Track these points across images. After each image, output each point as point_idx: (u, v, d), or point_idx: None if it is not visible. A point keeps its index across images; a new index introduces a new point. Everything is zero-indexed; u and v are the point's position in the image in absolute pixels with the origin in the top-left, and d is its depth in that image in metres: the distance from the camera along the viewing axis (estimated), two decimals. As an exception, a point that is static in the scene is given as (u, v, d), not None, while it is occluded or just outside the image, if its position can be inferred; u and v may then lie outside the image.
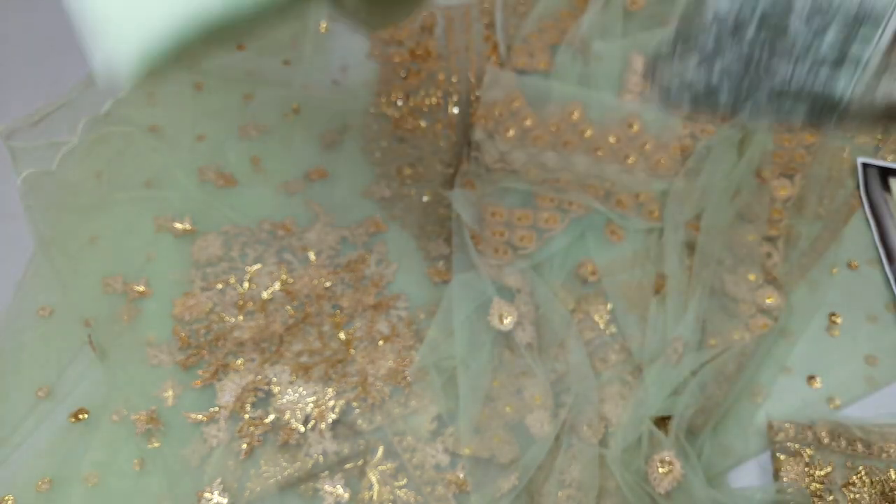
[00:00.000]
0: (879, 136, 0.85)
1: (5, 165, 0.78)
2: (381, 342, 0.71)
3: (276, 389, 0.68)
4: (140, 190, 0.78)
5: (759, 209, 0.78)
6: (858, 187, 0.81)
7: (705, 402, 0.66)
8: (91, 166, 0.79)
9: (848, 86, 0.45)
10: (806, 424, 0.67)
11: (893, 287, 0.75)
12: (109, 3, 0.53)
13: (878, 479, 0.64)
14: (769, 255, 0.75)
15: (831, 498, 0.63)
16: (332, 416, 0.67)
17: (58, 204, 0.76)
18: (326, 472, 0.65)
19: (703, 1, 0.46)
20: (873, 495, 0.63)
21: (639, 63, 0.84)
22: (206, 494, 0.63)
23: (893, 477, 0.64)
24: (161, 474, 0.64)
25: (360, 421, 0.67)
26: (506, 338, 0.70)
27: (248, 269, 0.75)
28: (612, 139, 0.81)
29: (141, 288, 0.73)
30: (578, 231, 0.78)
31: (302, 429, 0.66)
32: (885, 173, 0.82)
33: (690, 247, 0.75)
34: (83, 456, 0.65)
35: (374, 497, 0.64)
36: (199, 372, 0.69)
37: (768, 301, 0.72)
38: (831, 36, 0.44)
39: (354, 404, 0.68)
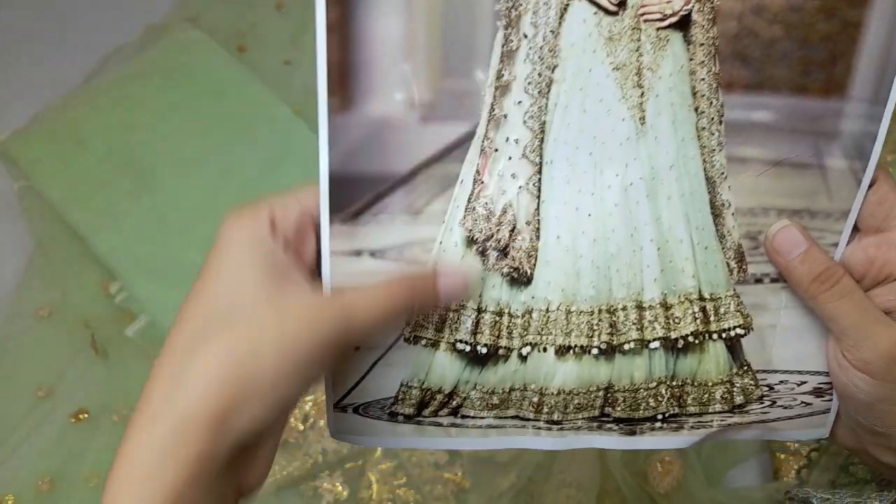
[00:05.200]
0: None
1: (4, 166, 0.77)
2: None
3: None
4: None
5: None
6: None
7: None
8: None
9: None
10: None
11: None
12: None
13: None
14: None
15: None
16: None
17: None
18: (326, 471, 0.65)
19: None
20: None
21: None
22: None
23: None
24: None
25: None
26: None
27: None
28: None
29: None
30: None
31: (301, 427, 0.66)
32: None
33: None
34: (83, 456, 0.64)
35: (374, 496, 0.64)
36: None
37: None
38: None
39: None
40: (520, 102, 0.34)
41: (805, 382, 0.37)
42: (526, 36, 0.33)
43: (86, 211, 0.72)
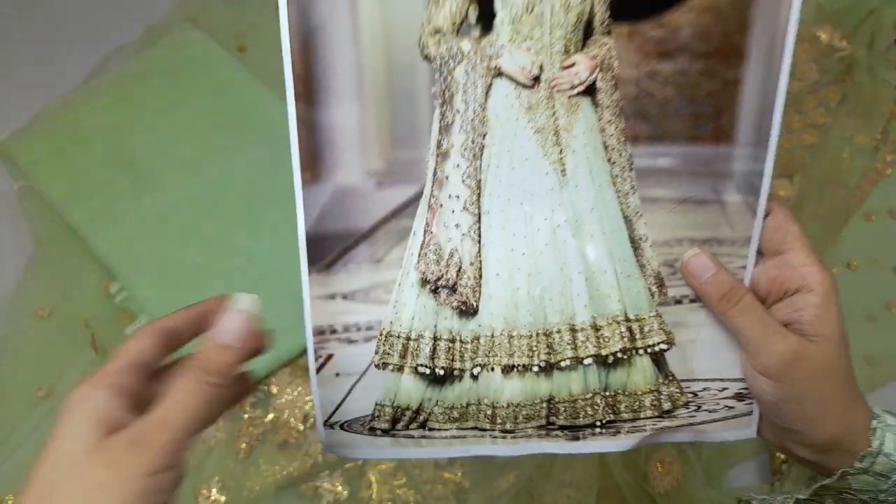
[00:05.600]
0: (878, 136, 0.85)
1: (4, 166, 0.77)
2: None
3: (274, 389, 0.68)
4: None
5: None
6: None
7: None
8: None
9: None
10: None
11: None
12: None
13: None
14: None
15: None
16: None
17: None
18: (326, 471, 0.66)
19: None
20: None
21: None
22: (204, 491, 0.65)
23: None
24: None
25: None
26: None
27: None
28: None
29: None
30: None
31: (301, 427, 0.67)
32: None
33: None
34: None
35: (374, 496, 0.65)
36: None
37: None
38: None
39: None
40: (458, 165, 0.41)
41: (726, 388, 0.43)
42: (459, 111, 0.41)
43: (86, 211, 0.71)
